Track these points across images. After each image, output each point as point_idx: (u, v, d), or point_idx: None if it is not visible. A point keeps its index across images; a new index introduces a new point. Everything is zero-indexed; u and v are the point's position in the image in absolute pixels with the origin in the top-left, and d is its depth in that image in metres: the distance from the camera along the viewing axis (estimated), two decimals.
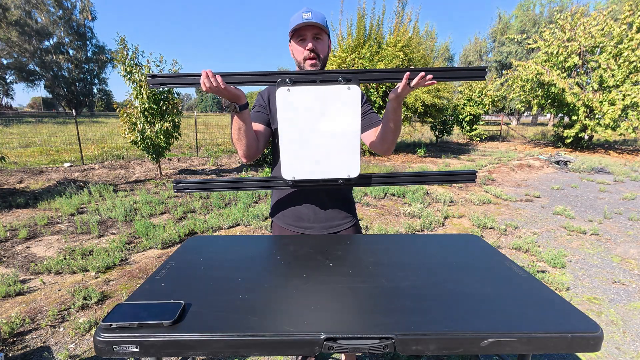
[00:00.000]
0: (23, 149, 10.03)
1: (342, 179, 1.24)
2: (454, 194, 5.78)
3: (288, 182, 1.24)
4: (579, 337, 0.79)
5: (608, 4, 18.93)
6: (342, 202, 1.45)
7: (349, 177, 1.23)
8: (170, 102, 6.55)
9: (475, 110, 14.56)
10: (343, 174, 1.23)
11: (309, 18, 1.27)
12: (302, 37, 1.31)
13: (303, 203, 1.40)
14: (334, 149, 1.20)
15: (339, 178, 1.24)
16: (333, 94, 1.16)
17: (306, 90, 1.15)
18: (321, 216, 1.40)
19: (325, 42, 1.34)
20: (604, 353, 2.05)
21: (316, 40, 1.32)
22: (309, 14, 1.28)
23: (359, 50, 10.16)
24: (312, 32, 1.30)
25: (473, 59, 35.33)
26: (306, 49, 1.30)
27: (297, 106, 1.16)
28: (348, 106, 1.16)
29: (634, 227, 4.34)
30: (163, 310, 0.82)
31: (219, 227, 3.98)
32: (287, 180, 1.24)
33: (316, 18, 1.28)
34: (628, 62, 10.60)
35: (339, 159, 1.21)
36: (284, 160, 1.21)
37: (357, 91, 1.15)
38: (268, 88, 1.44)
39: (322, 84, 1.16)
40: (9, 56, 34.95)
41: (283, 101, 1.16)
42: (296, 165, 1.22)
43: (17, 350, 1.98)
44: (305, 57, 1.31)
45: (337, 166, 1.22)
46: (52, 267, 2.91)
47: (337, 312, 0.86)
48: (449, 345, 0.78)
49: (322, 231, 1.41)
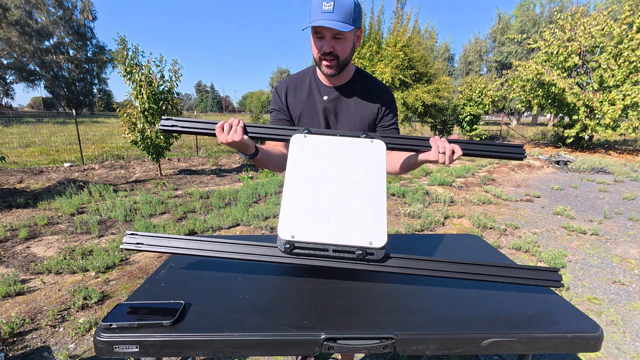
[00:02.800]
0: (23, 149, 10.03)
1: (360, 248, 0.88)
2: (454, 194, 5.78)
3: (283, 245, 0.90)
4: (579, 337, 0.79)
5: (608, 4, 18.92)
6: None
7: (371, 245, 0.88)
8: (170, 102, 6.55)
9: (475, 110, 14.55)
10: (363, 240, 0.89)
11: (329, 12, 1.04)
12: (319, 34, 1.10)
13: None
14: (353, 208, 0.93)
15: (357, 246, 0.88)
16: (355, 146, 1.02)
17: (324, 138, 1.03)
18: None
19: (348, 40, 1.13)
20: (604, 353, 2.05)
21: (336, 40, 1.11)
22: (330, 5, 1.04)
23: (359, 50, 10.17)
24: (331, 32, 1.09)
25: (473, 59, 35.33)
26: (322, 50, 1.13)
27: (312, 153, 1.00)
28: (372, 161, 1.00)
29: (634, 227, 4.33)
30: (163, 310, 0.82)
31: (219, 227, 3.98)
32: (282, 241, 0.90)
33: (338, 14, 1.04)
34: (628, 62, 10.58)
35: (358, 220, 0.91)
36: (284, 214, 0.92)
37: (382, 146, 1.02)
38: (286, 84, 1.31)
39: (342, 136, 1.04)
40: (9, 56, 34.96)
41: (296, 147, 1.01)
42: (299, 222, 0.91)
43: (17, 350, 1.98)
44: (321, 56, 1.14)
45: (354, 229, 0.90)
46: (52, 267, 2.91)
47: (337, 312, 0.86)
48: (449, 345, 0.78)
49: None
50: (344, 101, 1.27)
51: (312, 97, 1.28)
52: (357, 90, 1.27)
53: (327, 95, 1.26)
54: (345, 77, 1.26)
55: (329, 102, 1.27)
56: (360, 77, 1.29)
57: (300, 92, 1.29)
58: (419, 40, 10.75)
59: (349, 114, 1.28)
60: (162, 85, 6.47)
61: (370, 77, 1.31)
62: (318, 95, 1.27)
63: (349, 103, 1.27)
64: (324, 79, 1.27)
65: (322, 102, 1.27)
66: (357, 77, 1.28)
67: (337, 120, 1.28)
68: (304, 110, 1.29)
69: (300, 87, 1.30)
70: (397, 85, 9.73)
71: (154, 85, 6.25)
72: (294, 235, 0.89)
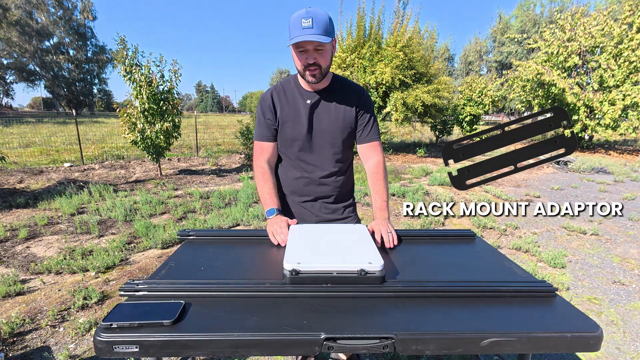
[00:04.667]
0: (23, 149, 10.03)
1: (361, 270, 0.93)
2: (454, 194, 5.78)
3: (288, 272, 0.94)
4: (579, 337, 0.79)
5: (608, 4, 18.91)
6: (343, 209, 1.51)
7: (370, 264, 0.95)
8: (170, 102, 6.55)
9: (475, 111, 14.54)
10: (362, 263, 0.95)
11: (309, 27, 1.16)
12: (301, 48, 1.23)
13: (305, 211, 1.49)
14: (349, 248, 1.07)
15: (357, 269, 0.94)
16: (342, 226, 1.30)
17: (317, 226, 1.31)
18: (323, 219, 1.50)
19: (327, 51, 1.26)
20: (604, 353, 2.05)
21: (317, 52, 1.23)
22: (309, 21, 1.16)
23: (359, 51, 10.17)
24: (313, 45, 1.21)
25: (473, 59, 35.33)
26: (306, 63, 1.25)
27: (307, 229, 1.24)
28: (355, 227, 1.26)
29: (634, 227, 4.33)
30: (163, 310, 0.82)
31: (219, 227, 3.98)
32: (285, 272, 0.94)
33: (317, 28, 1.17)
34: (628, 62, 10.58)
35: (355, 253, 1.04)
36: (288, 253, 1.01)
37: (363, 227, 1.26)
38: (271, 92, 1.42)
39: None
40: (9, 56, 34.98)
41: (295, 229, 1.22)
42: (303, 255, 1.00)
43: (17, 350, 1.98)
44: (305, 67, 1.26)
45: (354, 257, 1.00)
46: (52, 267, 2.91)
47: (337, 311, 0.86)
48: (448, 345, 0.78)
49: None
50: (325, 104, 1.39)
51: (295, 101, 1.39)
52: (336, 93, 1.39)
53: (309, 99, 1.38)
54: (324, 82, 1.37)
55: (312, 106, 1.38)
56: (338, 81, 1.41)
57: (285, 98, 1.41)
58: (419, 40, 10.73)
59: (330, 115, 1.39)
60: (162, 85, 6.47)
61: (346, 81, 1.44)
62: (301, 100, 1.39)
63: (330, 106, 1.39)
64: (305, 84, 1.38)
65: (305, 105, 1.38)
66: (335, 82, 1.41)
67: (320, 120, 1.39)
68: (289, 113, 1.39)
69: (284, 93, 1.41)
70: (397, 85, 9.72)
71: (153, 85, 6.25)
72: (300, 262, 0.95)
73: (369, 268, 0.93)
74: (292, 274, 0.93)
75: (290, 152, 1.43)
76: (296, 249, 1.04)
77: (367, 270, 0.93)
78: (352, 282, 0.94)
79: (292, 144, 1.40)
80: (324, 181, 1.43)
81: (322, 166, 1.42)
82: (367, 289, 0.93)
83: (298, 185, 1.46)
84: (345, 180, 1.48)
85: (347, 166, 1.48)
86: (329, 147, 1.40)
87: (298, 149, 1.40)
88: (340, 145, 1.41)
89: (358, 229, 1.23)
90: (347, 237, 1.15)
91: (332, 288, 0.93)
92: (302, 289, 0.93)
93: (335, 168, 1.43)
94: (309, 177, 1.43)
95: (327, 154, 1.41)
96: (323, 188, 1.45)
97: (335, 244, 1.09)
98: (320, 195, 1.46)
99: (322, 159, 1.41)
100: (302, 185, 1.45)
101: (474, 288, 0.97)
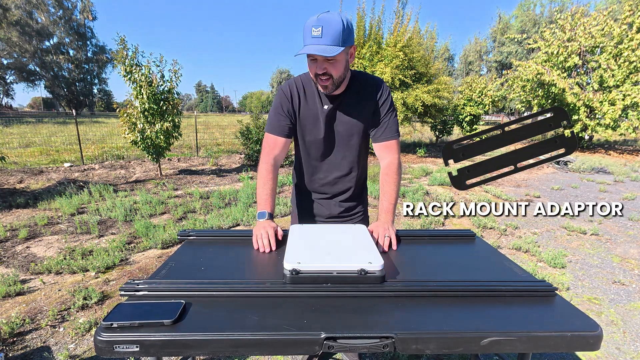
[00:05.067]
0: (23, 149, 10.03)
1: (361, 270, 0.93)
2: (454, 194, 5.78)
3: (288, 272, 0.94)
4: (579, 336, 0.79)
5: (608, 4, 18.91)
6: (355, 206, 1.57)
7: (370, 263, 0.95)
8: (170, 102, 6.55)
9: (475, 111, 14.54)
10: (362, 263, 0.95)
11: (318, 37, 1.13)
12: (312, 57, 1.19)
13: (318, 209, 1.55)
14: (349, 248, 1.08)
15: (357, 269, 0.93)
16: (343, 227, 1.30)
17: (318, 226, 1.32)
18: None
19: (339, 61, 1.20)
20: (604, 353, 2.05)
21: (328, 62, 1.19)
22: (319, 31, 1.12)
23: (359, 51, 10.15)
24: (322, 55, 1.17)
25: (473, 59, 35.34)
26: (316, 72, 1.22)
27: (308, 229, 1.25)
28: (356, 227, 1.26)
29: (634, 227, 4.33)
30: (164, 310, 0.82)
31: (219, 227, 3.98)
32: (285, 272, 0.94)
33: (327, 38, 1.12)
34: (628, 62, 10.58)
35: (355, 253, 1.04)
36: (288, 253, 1.01)
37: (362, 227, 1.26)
38: (295, 85, 1.38)
39: None
40: (9, 56, 34.98)
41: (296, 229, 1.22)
42: (303, 255, 1.00)
43: (17, 350, 1.98)
44: (316, 76, 1.24)
45: (353, 258, 1.01)
46: (52, 267, 2.91)
47: (337, 311, 0.86)
48: (448, 344, 0.78)
49: None
50: (342, 109, 1.37)
51: (314, 104, 1.38)
52: (353, 97, 1.36)
53: (327, 104, 1.36)
54: (342, 87, 1.33)
55: (329, 111, 1.37)
56: (356, 81, 1.37)
57: (305, 98, 1.38)
58: (419, 40, 10.73)
59: (346, 120, 1.38)
60: (162, 85, 6.47)
61: (363, 77, 1.39)
62: (320, 105, 1.37)
63: (347, 110, 1.37)
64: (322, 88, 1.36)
65: (322, 111, 1.37)
66: (353, 83, 1.36)
67: (337, 125, 1.39)
68: (308, 116, 1.39)
69: (304, 92, 1.39)
70: (397, 86, 9.72)
71: (154, 85, 6.25)
72: (300, 262, 0.95)
73: (369, 268, 0.94)
74: (293, 274, 0.93)
75: (307, 152, 1.46)
76: (296, 249, 1.05)
77: (367, 270, 0.93)
78: (352, 281, 0.94)
79: (310, 145, 1.43)
80: (339, 181, 1.48)
81: (337, 167, 1.46)
82: (367, 288, 0.94)
83: (313, 185, 1.52)
84: (359, 178, 1.53)
85: (361, 165, 1.52)
86: (345, 150, 1.43)
87: (314, 151, 1.44)
88: (357, 148, 1.44)
89: (358, 229, 1.24)
90: (347, 237, 1.16)
91: (333, 288, 0.93)
92: (302, 289, 0.93)
93: (350, 168, 1.47)
94: (324, 177, 1.48)
95: (342, 156, 1.44)
96: (338, 187, 1.50)
97: (336, 244, 1.10)
98: (335, 193, 1.51)
99: (337, 161, 1.45)
100: (317, 185, 1.51)
101: (474, 288, 0.97)
